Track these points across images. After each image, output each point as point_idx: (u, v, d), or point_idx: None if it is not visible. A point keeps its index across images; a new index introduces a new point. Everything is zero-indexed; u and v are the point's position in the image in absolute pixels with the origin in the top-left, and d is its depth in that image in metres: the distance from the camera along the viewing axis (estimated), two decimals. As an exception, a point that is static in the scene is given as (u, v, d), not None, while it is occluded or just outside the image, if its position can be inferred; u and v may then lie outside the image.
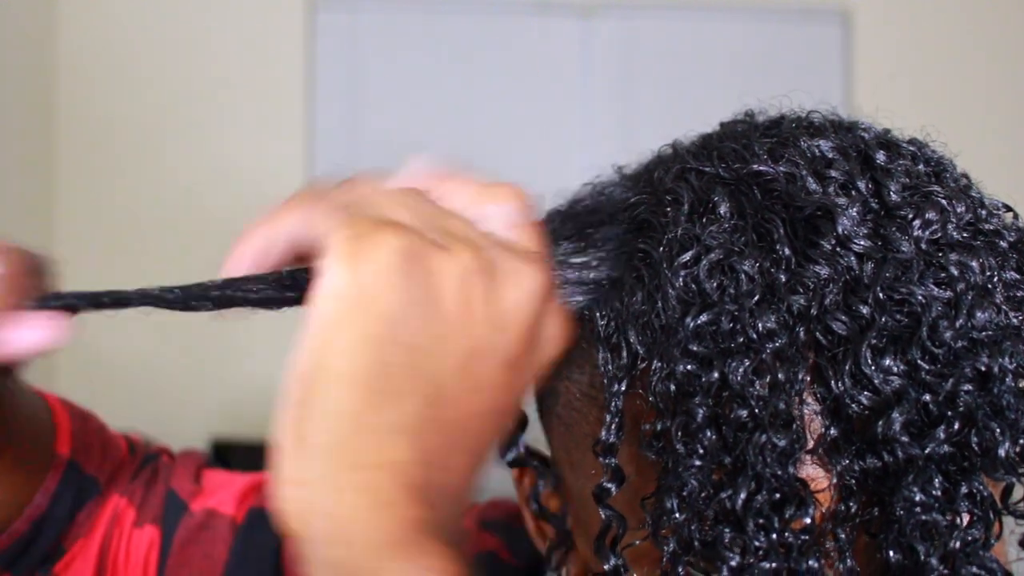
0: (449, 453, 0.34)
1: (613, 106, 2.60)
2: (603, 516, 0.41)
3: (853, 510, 0.37)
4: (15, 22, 2.30)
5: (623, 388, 0.39)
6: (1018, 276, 0.39)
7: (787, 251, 0.37)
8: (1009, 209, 0.42)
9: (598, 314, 0.41)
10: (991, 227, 0.39)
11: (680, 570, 0.37)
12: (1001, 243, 0.39)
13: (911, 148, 0.42)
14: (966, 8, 2.70)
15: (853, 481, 0.37)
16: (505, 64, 2.61)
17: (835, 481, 0.37)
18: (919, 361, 0.35)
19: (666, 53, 2.63)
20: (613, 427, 0.40)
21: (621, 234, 0.43)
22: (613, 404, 0.40)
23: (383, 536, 0.32)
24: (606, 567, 0.41)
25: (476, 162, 0.42)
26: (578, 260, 0.42)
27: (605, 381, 0.40)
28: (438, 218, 0.36)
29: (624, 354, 0.39)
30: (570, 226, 0.44)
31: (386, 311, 0.33)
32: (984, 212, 0.40)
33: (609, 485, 0.40)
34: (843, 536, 0.37)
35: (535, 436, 0.51)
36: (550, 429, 0.49)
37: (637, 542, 0.40)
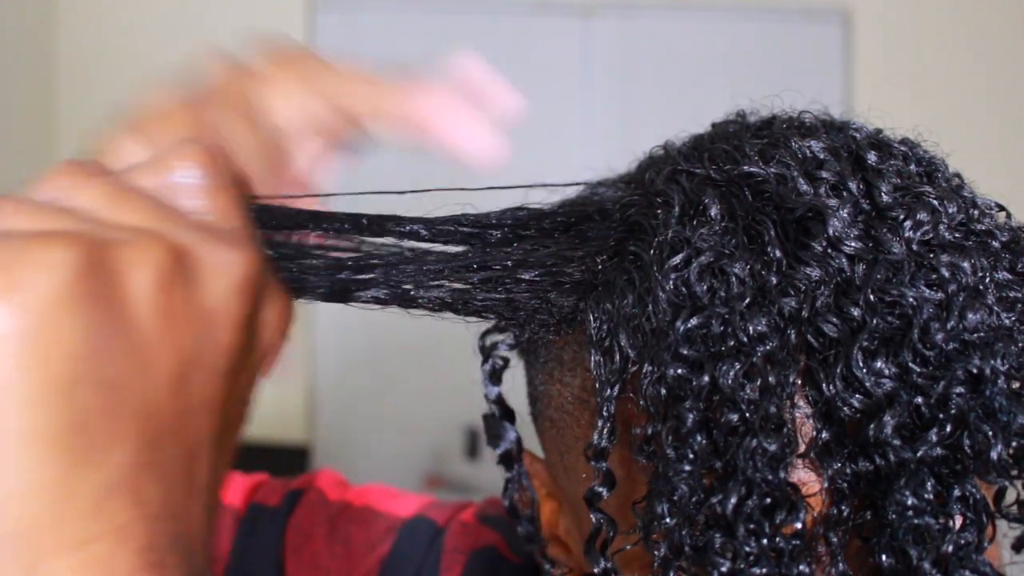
0: (178, 494, 0.29)
1: (613, 106, 2.60)
2: (594, 519, 0.40)
3: (845, 514, 0.36)
4: (15, 23, 2.30)
5: (615, 392, 0.39)
6: (1011, 276, 0.38)
7: (778, 253, 0.37)
8: (1002, 209, 0.42)
9: (590, 316, 0.41)
10: (983, 227, 0.39)
11: (671, 575, 0.37)
12: (993, 243, 0.39)
13: (903, 148, 0.41)
14: (966, 8, 2.69)
15: (845, 485, 0.36)
16: (505, 64, 2.59)
17: (827, 485, 0.36)
18: (910, 363, 0.35)
19: (666, 53, 2.62)
20: (605, 431, 0.39)
21: (612, 235, 0.42)
22: (605, 408, 0.39)
23: None
24: (596, 570, 0.41)
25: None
26: (570, 253, 0.42)
27: (597, 385, 0.40)
28: (113, 206, 0.30)
29: (616, 357, 0.39)
30: (561, 226, 0.44)
31: (66, 347, 0.26)
32: (976, 212, 0.40)
33: (600, 489, 0.40)
34: (835, 540, 0.36)
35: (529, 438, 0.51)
36: (543, 432, 0.49)
37: (628, 547, 0.40)
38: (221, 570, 0.62)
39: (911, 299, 0.35)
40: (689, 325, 0.36)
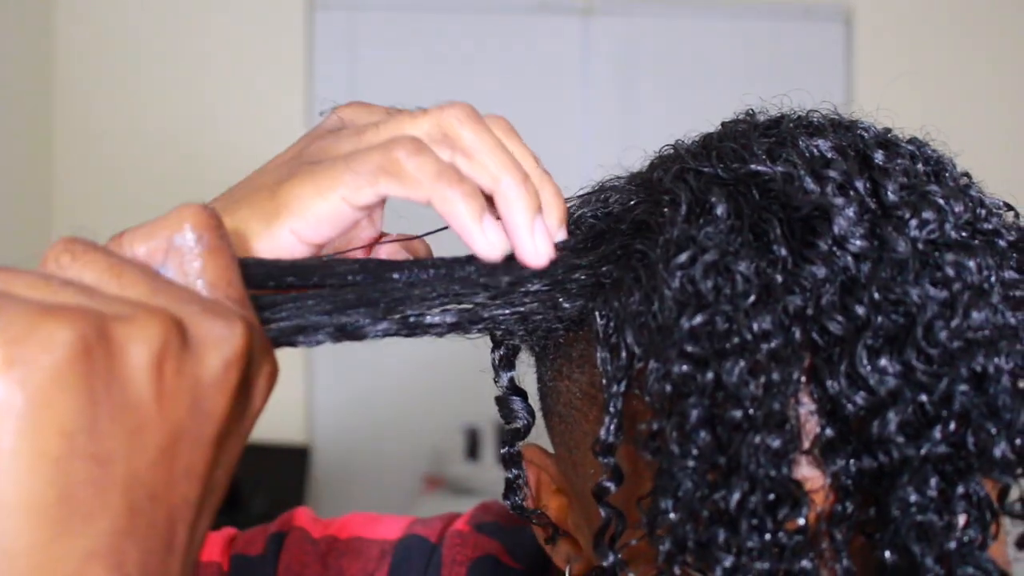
0: (157, 557, 0.30)
1: (613, 105, 2.60)
2: (602, 514, 0.41)
3: (849, 511, 0.37)
4: (14, 23, 2.30)
5: (622, 388, 0.39)
6: (1017, 276, 0.39)
7: (783, 251, 0.37)
8: (1010, 208, 0.42)
9: (597, 314, 0.41)
10: (990, 226, 0.39)
11: (676, 570, 0.37)
12: (1000, 242, 0.39)
13: (910, 148, 0.41)
14: (966, 7, 2.70)
15: (849, 482, 0.36)
16: (505, 64, 2.60)
17: (830, 482, 0.37)
18: (914, 361, 0.35)
19: (666, 52, 2.62)
20: (612, 427, 0.40)
21: (621, 234, 0.43)
22: (612, 404, 0.40)
23: None
24: (604, 564, 0.41)
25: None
26: (578, 261, 0.42)
27: (604, 381, 0.40)
28: (113, 279, 0.30)
29: (622, 354, 0.39)
30: (570, 227, 0.44)
31: (62, 422, 0.27)
32: (983, 211, 0.40)
33: (608, 484, 0.40)
34: (839, 537, 0.37)
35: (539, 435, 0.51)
36: (552, 428, 0.49)
37: (634, 541, 0.40)
38: None
39: (915, 297, 0.36)
40: (694, 322, 0.36)
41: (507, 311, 0.41)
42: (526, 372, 0.51)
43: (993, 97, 2.67)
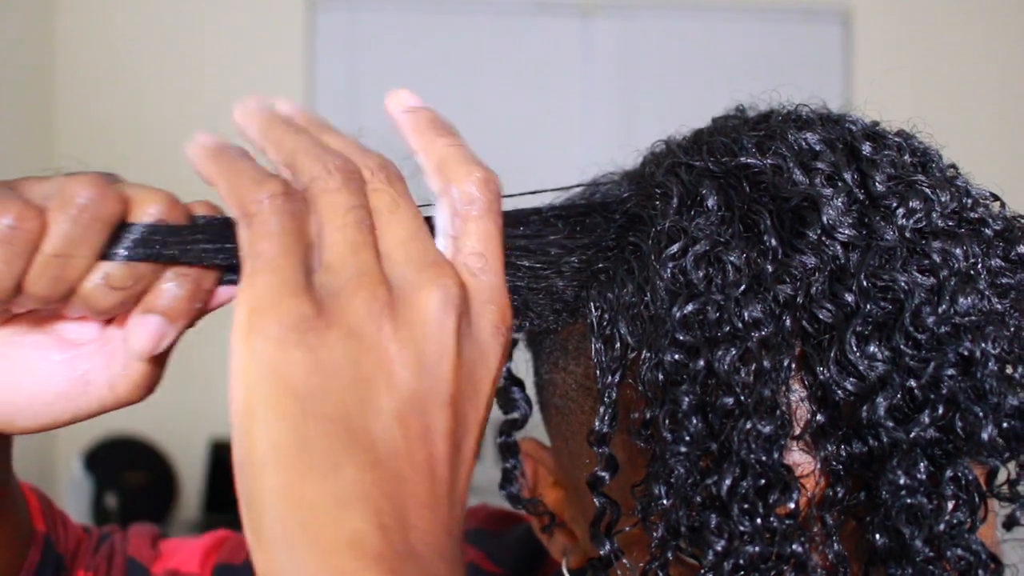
0: (410, 510, 0.32)
1: (613, 105, 2.61)
2: (597, 503, 0.41)
3: (840, 495, 0.37)
4: (15, 23, 2.31)
5: (616, 379, 0.40)
6: (1004, 263, 0.39)
7: (774, 241, 0.38)
8: (996, 198, 0.42)
9: (592, 306, 0.41)
10: (976, 215, 0.40)
11: (669, 555, 0.38)
12: (986, 231, 0.39)
13: (897, 139, 0.42)
14: (966, 7, 2.70)
15: (840, 467, 0.37)
16: (505, 64, 2.61)
17: (821, 467, 0.37)
18: (903, 347, 0.36)
19: (666, 52, 2.63)
20: (607, 417, 0.40)
21: (614, 228, 0.43)
22: (607, 394, 0.40)
23: None
24: (601, 552, 0.42)
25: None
26: (570, 243, 0.43)
27: (599, 372, 0.41)
28: (415, 239, 0.34)
29: (616, 345, 0.40)
30: (564, 221, 0.45)
31: (292, 386, 0.31)
32: (970, 201, 0.40)
33: (603, 473, 0.41)
34: (830, 521, 0.37)
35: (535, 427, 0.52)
36: (549, 420, 0.50)
37: (628, 528, 0.41)
38: None
39: (903, 284, 0.36)
40: (685, 311, 0.37)
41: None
42: (525, 372, 0.52)
43: (992, 97, 2.67)
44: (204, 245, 0.36)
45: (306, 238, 0.33)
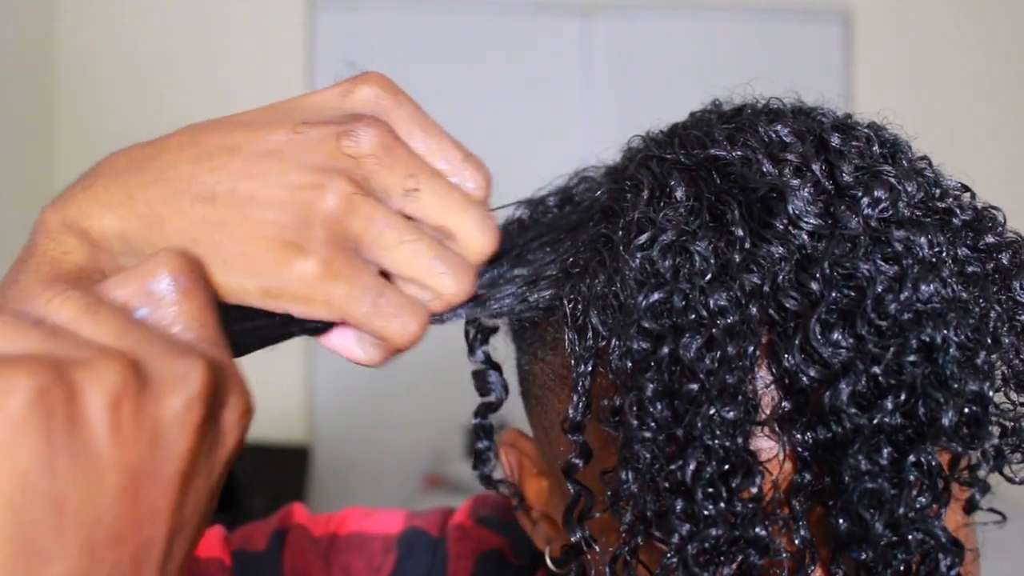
0: None
1: (613, 105, 2.61)
2: (571, 490, 0.42)
3: (807, 480, 0.37)
4: (15, 24, 2.31)
5: (589, 368, 0.41)
6: (971, 253, 0.39)
7: (741, 232, 0.38)
8: (967, 189, 0.43)
9: (565, 298, 0.42)
10: (944, 205, 0.40)
11: (639, 540, 0.38)
12: (954, 220, 0.40)
13: (867, 131, 0.42)
14: (966, 7, 2.70)
15: (806, 452, 0.37)
16: (505, 64, 2.61)
17: (788, 452, 0.38)
18: (866, 333, 0.36)
19: (666, 52, 2.63)
20: (580, 405, 0.41)
21: (587, 222, 0.44)
22: (580, 383, 0.41)
23: None
24: (573, 539, 0.42)
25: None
26: (548, 250, 0.44)
27: (572, 361, 0.41)
28: (84, 320, 0.32)
29: (588, 334, 0.40)
30: (540, 218, 0.46)
31: (19, 467, 0.28)
32: (938, 191, 0.41)
33: (577, 461, 0.41)
34: (796, 506, 0.38)
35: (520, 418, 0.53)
36: (530, 410, 0.51)
37: (598, 514, 0.41)
38: None
39: (866, 271, 0.37)
40: (652, 299, 0.37)
41: (478, 313, 0.43)
42: (510, 371, 0.53)
43: (992, 98, 2.67)
44: None
45: None
